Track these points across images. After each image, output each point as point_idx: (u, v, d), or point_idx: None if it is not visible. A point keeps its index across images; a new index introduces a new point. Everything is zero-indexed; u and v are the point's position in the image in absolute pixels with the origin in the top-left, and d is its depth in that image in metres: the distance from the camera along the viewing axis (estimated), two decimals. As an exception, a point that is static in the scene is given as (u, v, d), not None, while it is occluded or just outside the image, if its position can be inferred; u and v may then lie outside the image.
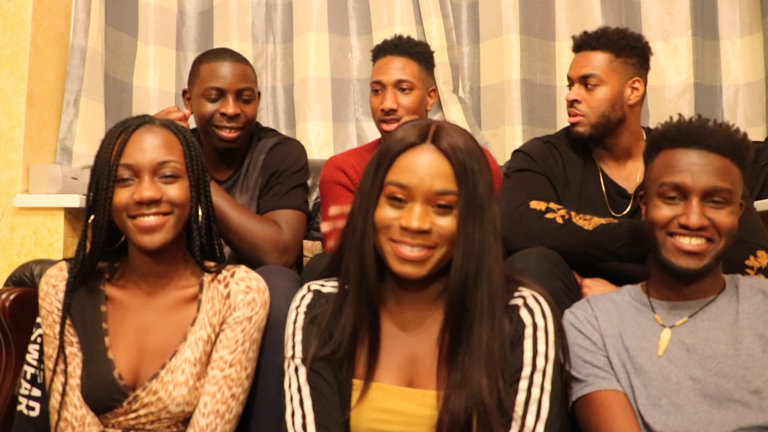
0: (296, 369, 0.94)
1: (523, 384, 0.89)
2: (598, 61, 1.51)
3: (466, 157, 0.90)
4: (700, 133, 1.05)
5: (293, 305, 1.01)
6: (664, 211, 1.06)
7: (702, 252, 1.04)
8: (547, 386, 0.90)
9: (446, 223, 0.89)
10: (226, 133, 1.52)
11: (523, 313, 0.93)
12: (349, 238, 0.95)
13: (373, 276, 0.92)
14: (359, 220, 0.93)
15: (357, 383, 0.94)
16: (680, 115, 1.11)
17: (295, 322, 0.98)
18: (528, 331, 0.92)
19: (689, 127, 1.07)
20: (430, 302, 0.96)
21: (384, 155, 0.92)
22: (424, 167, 0.89)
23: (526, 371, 0.90)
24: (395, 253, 0.89)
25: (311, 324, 0.97)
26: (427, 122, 0.93)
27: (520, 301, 0.94)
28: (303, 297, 1.01)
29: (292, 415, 0.91)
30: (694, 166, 1.04)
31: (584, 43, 1.54)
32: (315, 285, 1.02)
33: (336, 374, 0.94)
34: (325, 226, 1.40)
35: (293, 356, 0.95)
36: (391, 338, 0.96)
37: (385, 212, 0.91)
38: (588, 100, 1.52)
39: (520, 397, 0.89)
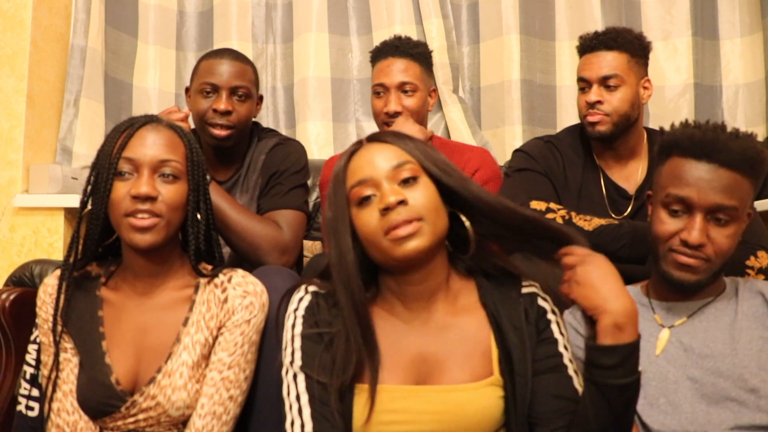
0: (295, 376, 0.92)
1: (571, 369, 0.93)
2: (617, 61, 1.51)
3: (404, 138, 0.96)
4: (713, 146, 1.01)
5: (291, 308, 0.99)
6: (667, 226, 1.05)
7: (697, 267, 1.03)
8: (576, 369, 0.94)
9: (418, 194, 0.90)
10: (217, 131, 1.52)
11: (540, 301, 0.96)
12: (333, 264, 0.94)
13: (360, 298, 0.92)
14: (338, 246, 0.93)
15: (360, 387, 0.91)
16: (695, 121, 1.07)
17: (293, 327, 0.96)
18: (551, 317, 0.96)
19: (702, 138, 1.03)
20: (434, 293, 0.95)
21: (336, 175, 0.95)
22: (372, 156, 0.93)
23: (567, 357, 0.93)
24: (393, 239, 0.88)
25: (311, 329, 0.95)
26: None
27: (533, 289, 0.97)
28: (301, 299, 0.99)
29: (292, 424, 0.89)
30: (701, 181, 1.01)
31: (599, 43, 1.53)
32: (312, 286, 1.00)
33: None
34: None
35: (292, 362, 0.93)
36: (395, 338, 0.95)
37: (365, 217, 0.91)
38: (610, 101, 1.50)
39: (576, 381, 0.92)
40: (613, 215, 1.53)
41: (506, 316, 0.94)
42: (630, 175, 1.57)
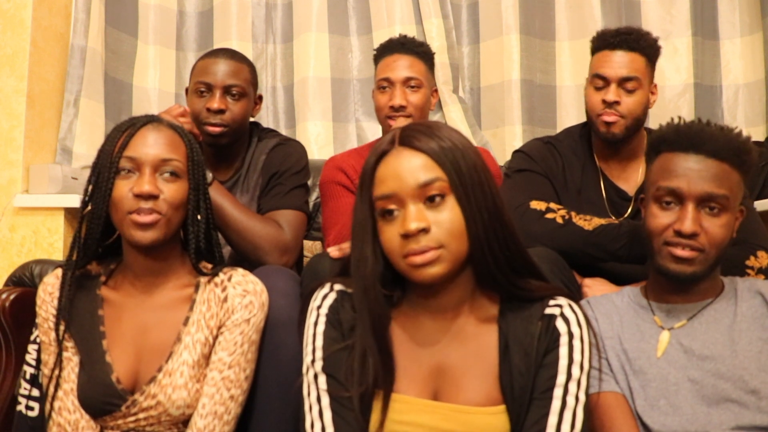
0: (315, 376, 0.90)
1: (558, 392, 0.86)
2: (638, 63, 1.49)
3: (438, 140, 0.87)
4: (699, 137, 1.04)
5: (314, 304, 0.96)
6: (660, 219, 1.06)
7: (692, 259, 1.04)
8: (582, 397, 0.86)
9: (443, 217, 0.85)
10: (211, 128, 1.52)
11: (559, 323, 0.89)
12: (353, 268, 0.92)
13: (380, 307, 0.90)
14: (359, 250, 0.91)
15: (379, 394, 0.89)
16: (680, 117, 1.10)
17: (315, 324, 0.94)
18: (563, 339, 0.88)
19: (688, 130, 1.06)
20: (459, 305, 0.92)
21: (364, 175, 0.91)
22: (400, 168, 0.87)
23: (561, 379, 0.86)
24: (411, 265, 0.85)
25: (333, 329, 0.92)
26: (393, 131, 0.92)
27: (556, 311, 0.90)
28: (325, 296, 0.96)
29: (312, 426, 0.87)
30: (690, 171, 1.03)
31: (622, 42, 1.49)
32: (338, 284, 0.97)
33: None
34: (334, 252, 1.37)
35: (313, 362, 0.91)
36: (416, 347, 0.92)
37: (387, 234, 0.87)
38: (627, 103, 1.48)
39: (555, 405, 0.85)
40: (612, 216, 1.52)
41: (519, 340, 0.89)
42: (630, 177, 1.57)
